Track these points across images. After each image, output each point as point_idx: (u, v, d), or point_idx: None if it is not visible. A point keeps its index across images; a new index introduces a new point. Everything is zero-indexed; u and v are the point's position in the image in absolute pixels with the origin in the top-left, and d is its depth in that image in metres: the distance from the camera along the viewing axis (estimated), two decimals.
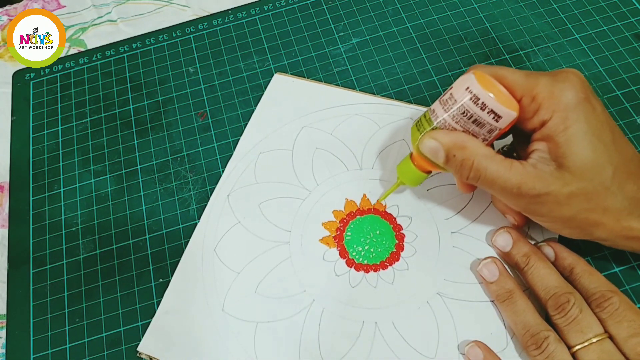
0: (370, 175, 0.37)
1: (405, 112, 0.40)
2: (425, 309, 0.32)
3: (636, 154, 0.29)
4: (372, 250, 0.35)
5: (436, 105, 0.30)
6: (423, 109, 0.40)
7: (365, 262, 0.34)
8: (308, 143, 0.39)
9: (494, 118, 0.28)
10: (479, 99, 0.27)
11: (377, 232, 0.35)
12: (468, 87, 0.28)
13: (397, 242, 0.35)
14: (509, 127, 0.29)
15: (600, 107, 0.28)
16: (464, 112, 0.28)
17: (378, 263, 0.34)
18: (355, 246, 0.35)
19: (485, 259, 0.32)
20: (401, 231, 0.35)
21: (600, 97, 0.39)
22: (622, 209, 0.27)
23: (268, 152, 0.39)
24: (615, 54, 0.41)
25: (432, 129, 0.29)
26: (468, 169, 0.28)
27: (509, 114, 0.28)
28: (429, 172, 0.32)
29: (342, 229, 0.36)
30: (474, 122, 0.28)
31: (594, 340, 0.27)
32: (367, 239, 0.35)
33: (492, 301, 0.32)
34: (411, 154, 0.32)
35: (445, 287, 0.33)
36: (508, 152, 0.33)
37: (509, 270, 0.32)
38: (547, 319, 0.29)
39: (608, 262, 0.33)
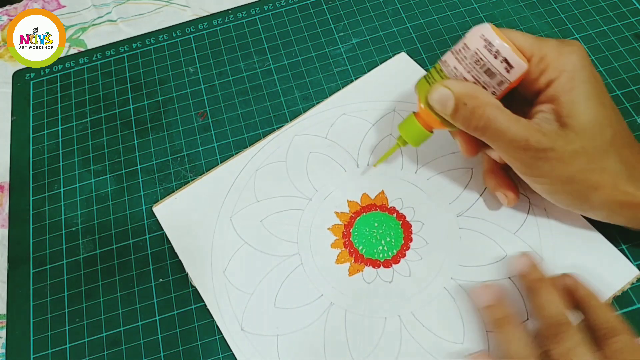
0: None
1: (289, 134, 0.39)
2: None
3: (627, 127, 0.30)
4: (381, 245, 0.35)
5: (448, 56, 0.30)
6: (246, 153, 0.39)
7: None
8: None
9: (505, 68, 0.28)
10: (493, 46, 0.28)
11: (384, 226, 0.35)
12: (483, 35, 0.28)
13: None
14: (518, 81, 0.29)
15: (599, 77, 0.29)
16: (477, 60, 0.28)
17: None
18: (364, 244, 0.35)
19: (482, 284, 0.32)
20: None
21: None
22: (618, 172, 0.28)
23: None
24: (615, 54, 0.41)
25: (443, 77, 0.30)
26: (478, 117, 0.28)
27: (521, 64, 0.28)
28: (431, 131, 0.32)
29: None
30: (485, 71, 0.28)
31: None
32: (374, 235, 0.35)
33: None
34: (415, 113, 0.32)
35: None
36: None
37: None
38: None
39: None
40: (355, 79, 0.42)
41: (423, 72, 0.41)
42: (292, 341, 0.32)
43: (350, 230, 0.36)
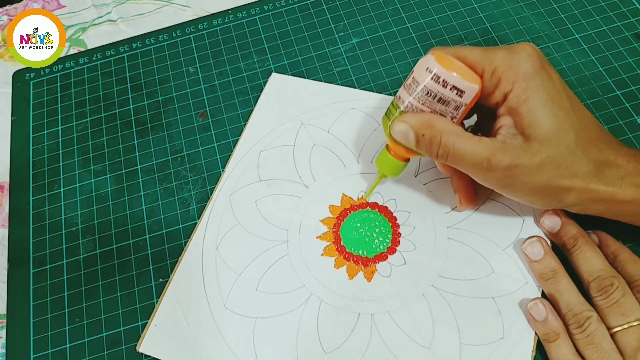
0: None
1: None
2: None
3: (595, 120, 0.30)
4: (368, 244, 0.35)
5: (401, 91, 0.30)
6: None
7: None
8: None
9: (457, 94, 0.28)
10: (440, 77, 0.28)
11: (374, 225, 0.35)
12: (428, 68, 0.28)
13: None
14: (474, 101, 0.29)
15: (556, 76, 0.29)
16: (427, 93, 0.29)
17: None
18: (352, 240, 0.35)
19: (531, 237, 0.32)
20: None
21: (600, 97, 0.39)
22: (588, 173, 0.28)
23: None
24: (615, 54, 0.41)
25: (400, 113, 0.30)
26: (437, 145, 0.29)
27: (472, 87, 0.28)
28: (407, 160, 0.33)
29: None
30: (439, 100, 0.29)
31: (635, 323, 0.28)
32: (363, 233, 0.35)
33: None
34: (387, 145, 0.33)
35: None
36: (473, 133, 0.33)
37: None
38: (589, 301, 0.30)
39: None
40: (356, 79, 0.42)
41: (300, 81, 0.42)
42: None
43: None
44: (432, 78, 0.28)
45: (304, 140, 0.39)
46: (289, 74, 0.43)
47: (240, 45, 0.46)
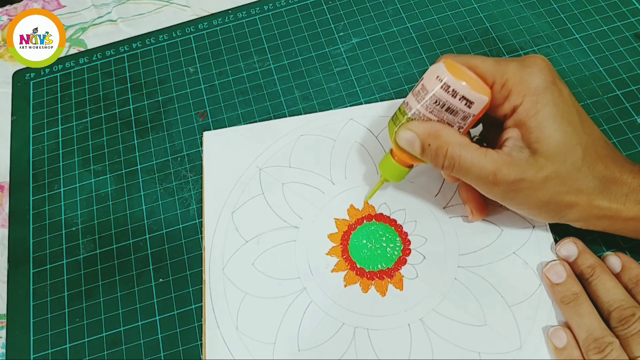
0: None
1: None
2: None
3: (602, 136, 0.30)
4: (373, 258, 0.34)
5: (409, 98, 0.30)
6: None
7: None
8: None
9: (466, 104, 0.28)
10: (450, 86, 0.28)
11: (383, 239, 0.35)
12: (438, 76, 0.28)
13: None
14: (483, 112, 0.29)
15: (566, 90, 0.29)
16: (436, 101, 0.28)
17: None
18: (358, 249, 0.35)
19: (553, 261, 0.32)
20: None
21: (600, 97, 0.39)
22: (593, 189, 0.28)
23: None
24: (615, 54, 0.41)
25: (407, 120, 0.29)
26: (442, 157, 0.29)
27: (481, 99, 0.28)
28: (411, 166, 0.32)
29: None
30: (447, 110, 0.28)
31: None
32: (372, 245, 0.35)
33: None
34: (391, 150, 0.33)
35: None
36: (478, 143, 0.33)
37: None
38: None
39: (598, 245, 0.34)
40: (356, 79, 0.42)
41: (231, 133, 0.40)
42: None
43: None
44: (441, 87, 0.28)
45: (269, 184, 0.38)
46: (289, 74, 0.43)
47: (240, 45, 0.46)
